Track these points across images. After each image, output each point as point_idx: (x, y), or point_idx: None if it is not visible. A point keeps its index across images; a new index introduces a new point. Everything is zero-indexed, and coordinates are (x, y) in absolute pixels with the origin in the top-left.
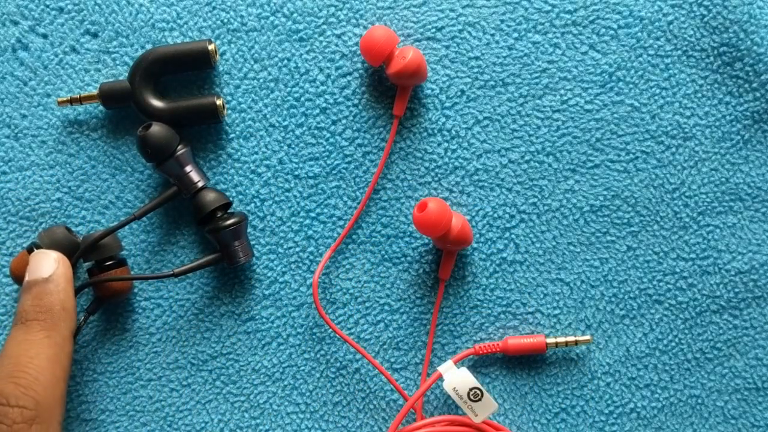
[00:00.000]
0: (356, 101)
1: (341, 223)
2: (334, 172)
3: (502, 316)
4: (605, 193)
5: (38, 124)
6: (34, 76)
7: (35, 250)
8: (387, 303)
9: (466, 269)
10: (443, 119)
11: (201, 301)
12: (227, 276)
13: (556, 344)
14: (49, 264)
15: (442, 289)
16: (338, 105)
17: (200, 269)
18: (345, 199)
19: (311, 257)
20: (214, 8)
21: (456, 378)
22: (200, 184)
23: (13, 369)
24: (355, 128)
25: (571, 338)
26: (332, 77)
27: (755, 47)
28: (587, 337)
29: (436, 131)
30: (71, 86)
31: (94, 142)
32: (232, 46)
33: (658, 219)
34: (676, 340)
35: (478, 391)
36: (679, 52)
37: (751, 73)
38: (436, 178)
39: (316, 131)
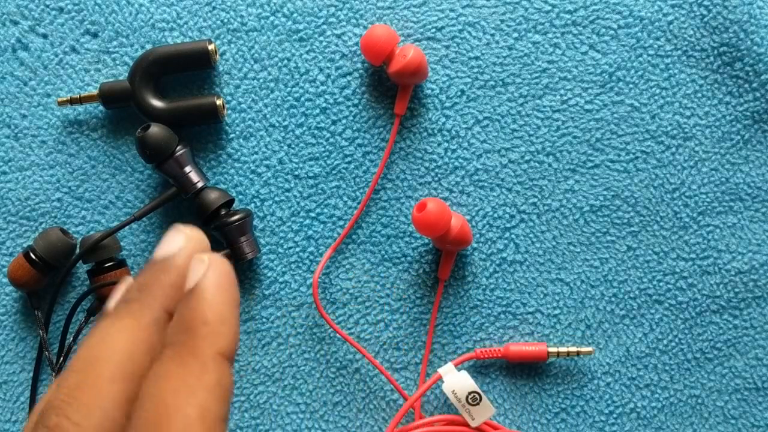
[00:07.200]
0: (356, 101)
1: (341, 223)
2: (334, 172)
3: (502, 316)
4: (605, 193)
5: (38, 124)
6: (34, 76)
7: (31, 255)
8: (387, 303)
9: (466, 269)
10: (443, 119)
11: None
12: None
13: (558, 354)
14: None
15: (441, 289)
16: (338, 105)
17: None
18: (345, 199)
19: (311, 257)
20: (214, 8)
21: (456, 381)
22: (200, 185)
23: None
24: (355, 128)
25: (573, 349)
26: (332, 77)
27: (755, 47)
28: (590, 349)
29: (436, 131)
30: (71, 86)
31: (94, 142)
32: (232, 46)
33: (658, 219)
34: (676, 340)
35: (477, 395)
36: (679, 52)
37: (751, 73)
38: (436, 178)
39: (316, 131)
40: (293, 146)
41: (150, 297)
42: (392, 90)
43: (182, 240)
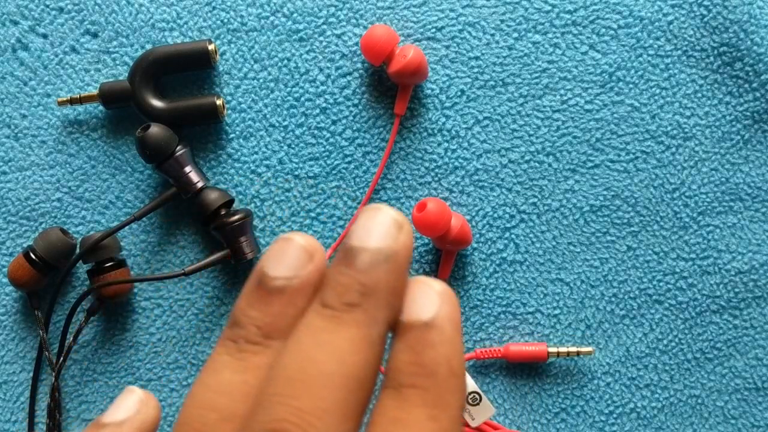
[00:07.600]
0: (356, 101)
1: (341, 223)
2: (334, 172)
3: (502, 316)
4: (605, 193)
5: (38, 124)
6: (34, 76)
7: (31, 255)
8: None
9: (466, 269)
10: (443, 119)
11: (201, 301)
12: (227, 276)
13: (558, 354)
14: None
15: None
16: (338, 105)
17: (210, 267)
18: (345, 199)
19: None
20: (214, 8)
21: None
22: (199, 185)
23: None
24: (355, 128)
25: (573, 349)
26: (332, 77)
27: (755, 47)
28: (590, 349)
29: (436, 131)
30: (71, 86)
31: (94, 142)
32: (232, 46)
33: (658, 219)
34: (676, 340)
35: (477, 396)
36: (679, 52)
37: (751, 73)
38: (436, 178)
39: (316, 131)
40: (293, 146)
41: (376, 307)
42: (392, 90)
43: (395, 231)
